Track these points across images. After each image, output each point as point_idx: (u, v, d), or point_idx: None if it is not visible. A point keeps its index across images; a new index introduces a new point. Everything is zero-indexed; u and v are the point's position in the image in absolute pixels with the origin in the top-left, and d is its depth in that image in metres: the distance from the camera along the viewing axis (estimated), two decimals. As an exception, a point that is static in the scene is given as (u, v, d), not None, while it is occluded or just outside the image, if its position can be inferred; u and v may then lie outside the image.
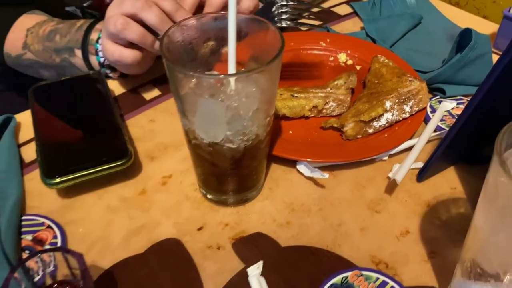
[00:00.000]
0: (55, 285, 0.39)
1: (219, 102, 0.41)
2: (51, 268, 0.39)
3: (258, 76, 0.41)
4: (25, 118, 0.58)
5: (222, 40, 0.44)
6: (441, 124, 0.56)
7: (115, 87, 0.64)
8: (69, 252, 0.37)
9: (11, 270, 0.36)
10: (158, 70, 0.65)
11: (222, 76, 0.42)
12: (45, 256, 0.38)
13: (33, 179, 0.51)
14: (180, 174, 0.52)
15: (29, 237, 0.45)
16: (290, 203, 0.49)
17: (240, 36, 0.43)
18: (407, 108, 0.54)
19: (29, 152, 0.54)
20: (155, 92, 0.64)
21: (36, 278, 0.39)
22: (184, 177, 0.52)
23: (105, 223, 0.48)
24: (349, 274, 0.42)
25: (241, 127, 0.42)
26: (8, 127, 0.55)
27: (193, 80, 0.42)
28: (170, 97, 0.63)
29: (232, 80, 0.41)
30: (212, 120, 0.42)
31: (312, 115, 0.57)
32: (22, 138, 0.57)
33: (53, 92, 0.58)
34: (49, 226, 0.46)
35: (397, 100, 0.54)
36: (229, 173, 0.46)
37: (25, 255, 0.44)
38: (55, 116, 0.56)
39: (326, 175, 0.49)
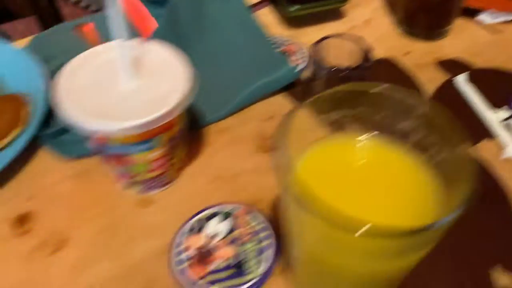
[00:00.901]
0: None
1: None
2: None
3: None
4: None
5: None
6: None
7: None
8: (348, 36, 0.50)
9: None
10: None
11: None
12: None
13: (264, 14, 0.65)
14: (379, 18, 0.65)
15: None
16: (472, 46, 0.61)
17: None
18: None
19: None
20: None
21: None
22: (382, 21, 0.65)
23: (330, 45, 0.61)
24: (539, 82, 0.55)
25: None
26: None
27: None
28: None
29: None
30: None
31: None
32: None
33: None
34: (291, 43, 0.60)
35: None
36: (434, 7, 0.59)
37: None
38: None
39: (511, 17, 0.61)
